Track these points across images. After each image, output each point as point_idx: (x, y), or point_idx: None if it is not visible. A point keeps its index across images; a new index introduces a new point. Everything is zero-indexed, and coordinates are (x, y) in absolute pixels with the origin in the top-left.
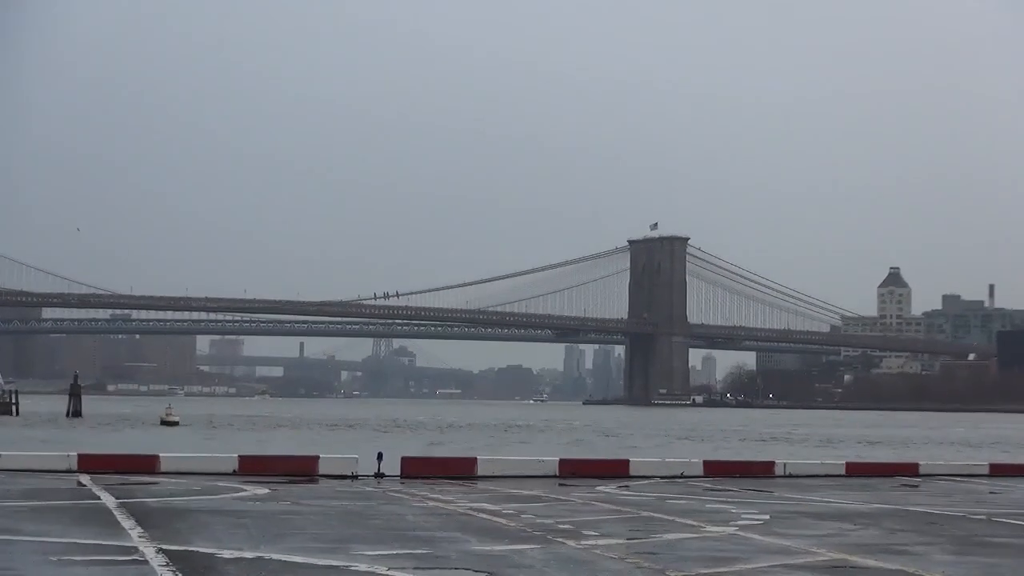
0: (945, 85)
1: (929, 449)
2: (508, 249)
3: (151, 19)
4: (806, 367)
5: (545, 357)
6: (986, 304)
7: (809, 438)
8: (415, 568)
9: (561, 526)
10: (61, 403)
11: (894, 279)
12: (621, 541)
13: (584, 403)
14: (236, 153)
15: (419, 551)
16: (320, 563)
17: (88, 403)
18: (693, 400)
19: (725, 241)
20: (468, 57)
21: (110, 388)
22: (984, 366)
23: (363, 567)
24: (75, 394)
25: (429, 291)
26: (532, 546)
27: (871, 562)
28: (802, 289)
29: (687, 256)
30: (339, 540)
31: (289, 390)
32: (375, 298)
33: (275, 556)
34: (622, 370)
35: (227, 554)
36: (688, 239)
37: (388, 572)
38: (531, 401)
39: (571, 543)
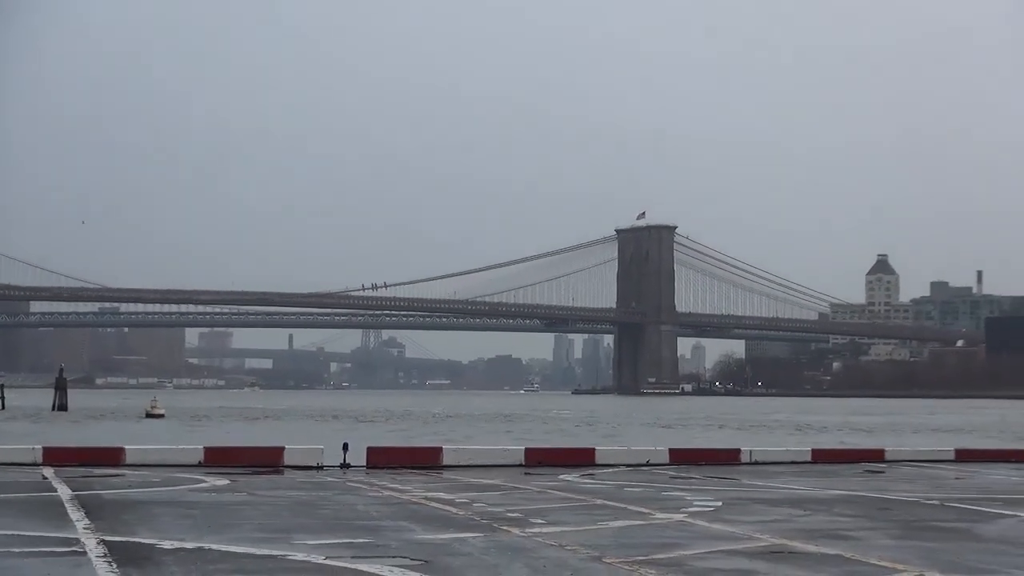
0: (935, 72)
1: (909, 436)
2: (496, 239)
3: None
4: (795, 355)
5: (534, 347)
6: (974, 290)
7: (787, 425)
8: (353, 557)
9: (510, 515)
10: (48, 397)
11: (882, 266)
12: (566, 529)
13: (573, 392)
14: (222, 147)
15: (360, 540)
16: (259, 553)
17: (75, 397)
18: (682, 389)
19: (712, 230)
20: (460, 52)
21: (99, 382)
22: (973, 352)
23: (300, 556)
24: (61, 387)
25: (417, 282)
26: (475, 534)
27: (811, 547)
28: (790, 277)
29: (675, 245)
30: (283, 530)
31: (278, 382)
32: (363, 289)
33: (215, 546)
34: (611, 359)
35: (168, 544)
36: (675, 228)
37: (324, 561)
38: (521, 391)
39: (515, 531)
